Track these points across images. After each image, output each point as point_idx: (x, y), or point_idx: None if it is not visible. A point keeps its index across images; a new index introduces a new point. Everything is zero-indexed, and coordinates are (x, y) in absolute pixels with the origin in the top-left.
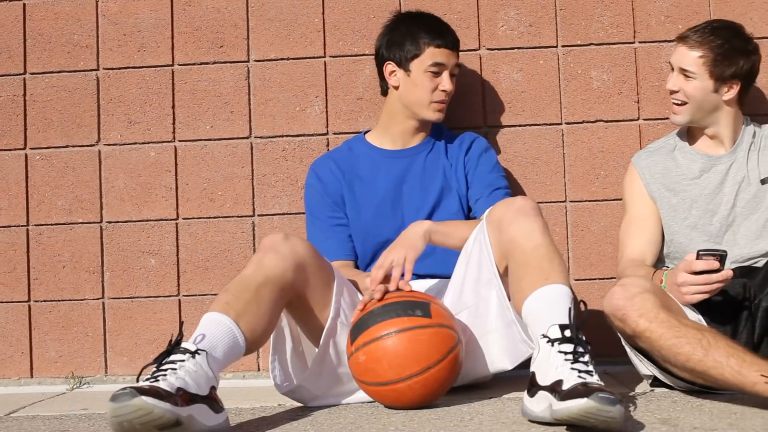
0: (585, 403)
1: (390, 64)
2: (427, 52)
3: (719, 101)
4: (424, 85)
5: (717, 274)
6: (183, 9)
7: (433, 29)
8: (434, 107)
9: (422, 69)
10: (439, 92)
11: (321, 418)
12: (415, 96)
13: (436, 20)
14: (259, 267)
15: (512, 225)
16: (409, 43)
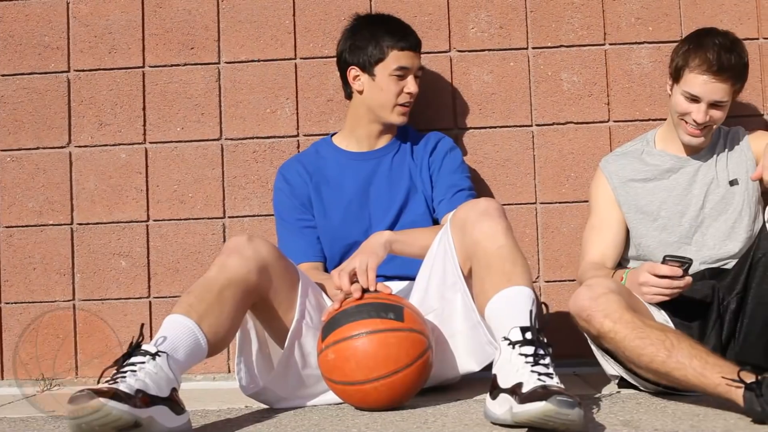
0: (544, 406)
1: (354, 68)
2: (391, 56)
3: None
4: (389, 89)
5: (679, 280)
6: (154, 11)
7: (396, 32)
8: (399, 110)
9: (387, 73)
10: (404, 95)
11: (285, 420)
12: (380, 100)
13: (399, 22)
14: (222, 269)
15: (476, 227)
16: (372, 47)
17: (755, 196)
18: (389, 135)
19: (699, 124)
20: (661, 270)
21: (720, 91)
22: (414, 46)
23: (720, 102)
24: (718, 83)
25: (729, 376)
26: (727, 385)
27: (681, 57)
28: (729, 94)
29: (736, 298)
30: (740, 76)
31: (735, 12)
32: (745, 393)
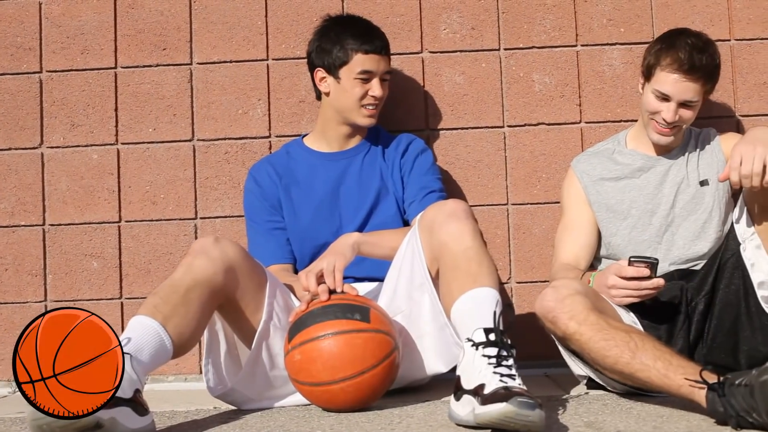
0: (504, 407)
1: (320, 70)
2: (355, 59)
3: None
4: (354, 92)
5: (648, 281)
6: (126, 12)
7: (361, 35)
8: (364, 113)
9: (351, 76)
10: (369, 98)
11: (252, 421)
12: (345, 102)
13: (365, 25)
14: (188, 270)
15: (443, 228)
16: (337, 49)
17: (725, 197)
18: (360, 136)
19: (668, 123)
20: (627, 272)
21: (690, 90)
22: (379, 49)
23: (690, 102)
24: (688, 82)
25: (692, 377)
26: (690, 386)
27: (653, 56)
28: (699, 94)
29: (704, 299)
30: (711, 76)
31: (707, 13)
32: (707, 394)
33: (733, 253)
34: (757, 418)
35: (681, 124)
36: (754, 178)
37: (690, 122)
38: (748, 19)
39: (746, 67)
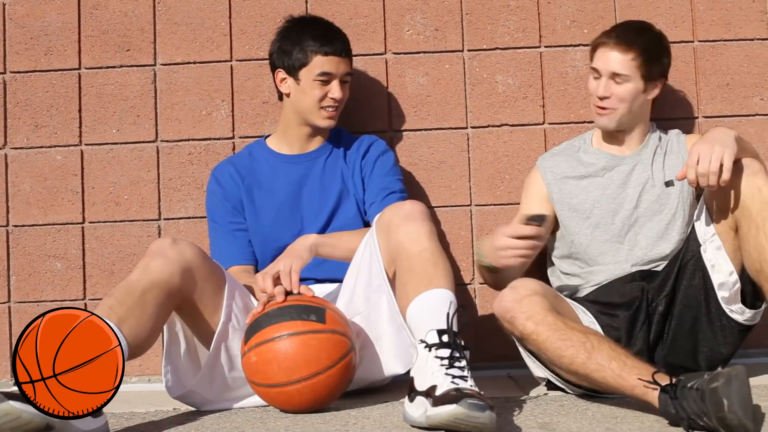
0: (454, 409)
1: (280, 71)
2: (314, 61)
3: (645, 102)
4: (313, 94)
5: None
6: (90, 13)
7: (321, 36)
8: (323, 114)
9: (310, 78)
10: (328, 100)
11: (208, 423)
12: (304, 104)
13: (326, 26)
14: (144, 272)
15: (399, 229)
16: (297, 51)
17: (690, 198)
18: (321, 137)
19: (600, 98)
20: (524, 231)
21: (617, 61)
22: (339, 51)
23: (619, 74)
24: (615, 53)
25: (646, 378)
26: (643, 387)
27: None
28: (630, 69)
29: (665, 300)
30: (644, 50)
31: (670, 15)
32: (660, 395)
33: (693, 254)
34: (708, 422)
35: (617, 107)
36: (711, 177)
37: (625, 103)
38: (711, 21)
39: (709, 69)
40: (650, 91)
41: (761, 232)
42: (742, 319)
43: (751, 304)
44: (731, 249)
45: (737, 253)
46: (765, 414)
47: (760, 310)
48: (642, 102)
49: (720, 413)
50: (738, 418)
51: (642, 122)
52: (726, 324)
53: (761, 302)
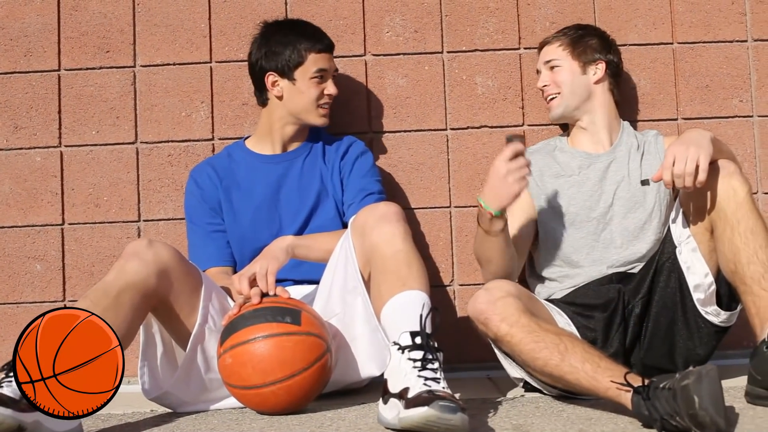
0: (426, 411)
1: (272, 74)
2: (310, 59)
3: (589, 83)
4: (311, 92)
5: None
6: (69, 14)
7: (312, 35)
8: (320, 112)
9: (307, 76)
10: (325, 97)
11: (184, 424)
12: (301, 103)
13: (311, 26)
14: (120, 273)
15: (374, 231)
16: (289, 51)
17: (667, 199)
18: (301, 138)
19: (543, 91)
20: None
21: (546, 52)
22: (330, 47)
23: (550, 61)
24: (545, 47)
25: (619, 380)
26: (617, 388)
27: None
28: (558, 54)
29: (641, 302)
30: (567, 36)
31: (649, 17)
32: (633, 397)
33: (669, 256)
34: (680, 421)
35: (558, 91)
36: (687, 178)
37: (566, 86)
38: (690, 23)
39: (688, 71)
40: (590, 73)
41: (736, 233)
42: (718, 321)
43: (726, 305)
44: (707, 251)
45: (713, 255)
46: (739, 414)
47: (735, 312)
48: (586, 85)
49: (691, 410)
50: (709, 415)
51: (603, 110)
52: (702, 326)
53: (736, 304)
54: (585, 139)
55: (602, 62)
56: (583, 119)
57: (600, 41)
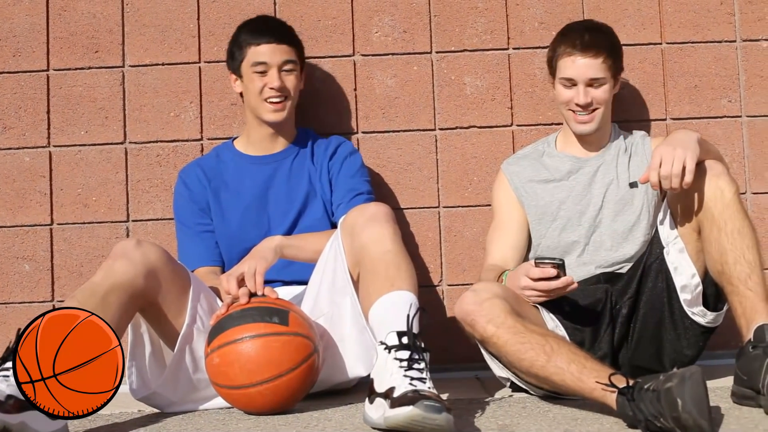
0: (411, 410)
1: (232, 75)
2: (249, 53)
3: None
4: (253, 86)
5: (557, 281)
6: (58, 14)
7: (254, 29)
8: (268, 107)
9: (249, 71)
10: (267, 90)
11: (171, 425)
12: (250, 99)
13: (262, 20)
14: (108, 273)
15: (364, 231)
16: (236, 49)
17: (655, 200)
18: (287, 139)
19: (583, 107)
20: (533, 273)
21: (591, 67)
22: (274, 39)
23: (596, 78)
24: (588, 59)
25: (603, 381)
26: (602, 389)
27: (551, 49)
28: (603, 71)
29: (629, 302)
30: (611, 51)
31: (638, 17)
32: (618, 398)
33: (656, 257)
34: (665, 423)
35: (597, 108)
36: (674, 180)
37: (605, 103)
38: (679, 23)
39: (677, 71)
40: (616, 88)
41: (723, 233)
42: (704, 322)
43: (713, 306)
44: (694, 251)
45: (700, 256)
46: (724, 415)
47: (721, 312)
48: (611, 99)
49: (674, 413)
50: (693, 418)
51: (608, 118)
52: (689, 326)
53: (723, 304)
54: (575, 145)
55: (620, 75)
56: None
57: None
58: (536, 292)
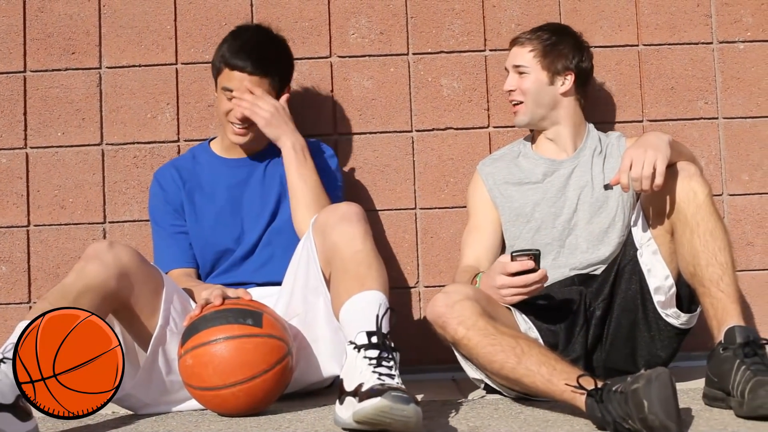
0: (379, 401)
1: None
2: (223, 73)
3: (556, 95)
4: (220, 105)
5: (533, 274)
6: (35, 15)
7: (236, 50)
8: (231, 128)
9: (220, 89)
10: (232, 115)
11: (143, 426)
12: (218, 113)
13: (248, 40)
14: (80, 275)
15: (335, 231)
16: (216, 59)
17: (630, 201)
18: (261, 143)
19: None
20: (511, 267)
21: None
22: (248, 68)
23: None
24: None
25: (572, 383)
26: (572, 391)
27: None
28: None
29: (603, 304)
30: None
31: (615, 18)
32: (586, 399)
33: (630, 259)
34: (633, 424)
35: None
36: (644, 182)
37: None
38: (656, 25)
39: (654, 72)
40: (558, 84)
41: (695, 235)
42: (678, 323)
43: (687, 308)
44: (667, 253)
45: (673, 257)
46: (694, 417)
47: (695, 314)
48: (552, 96)
49: (641, 414)
50: (659, 419)
51: (569, 120)
52: (663, 328)
53: (696, 306)
54: (550, 147)
55: (571, 74)
56: (549, 130)
57: (573, 49)
58: (514, 290)
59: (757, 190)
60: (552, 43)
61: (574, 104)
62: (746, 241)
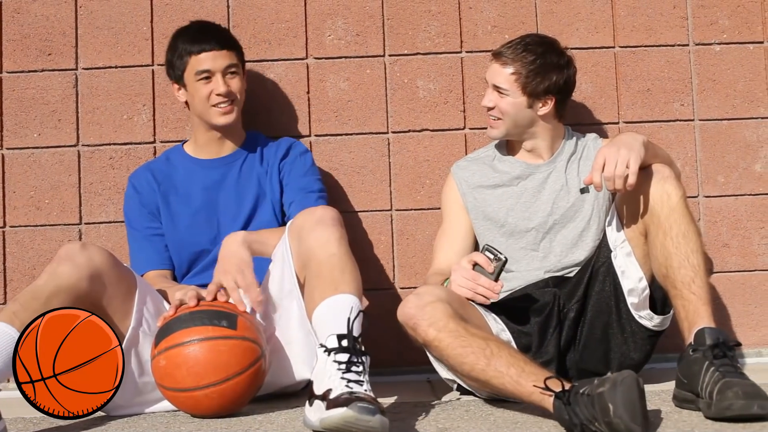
0: (344, 412)
1: (173, 84)
2: (190, 63)
3: (534, 116)
4: (200, 95)
5: (484, 279)
6: (11, 17)
7: (192, 38)
8: (217, 111)
9: (193, 80)
10: (214, 96)
11: (114, 427)
12: (198, 107)
13: (198, 27)
14: (51, 277)
15: (310, 234)
16: (176, 59)
17: (605, 205)
18: (236, 142)
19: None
20: (476, 257)
21: (497, 74)
22: (213, 46)
23: (498, 87)
24: (497, 65)
25: (540, 384)
26: (540, 393)
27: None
28: (508, 83)
29: (576, 305)
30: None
31: (591, 20)
32: (554, 401)
33: (604, 261)
34: (599, 427)
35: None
36: (617, 181)
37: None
38: (632, 27)
39: (630, 74)
40: (537, 108)
41: (668, 237)
42: (651, 325)
43: (661, 310)
44: (641, 255)
45: (647, 259)
46: (663, 419)
47: (668, 316)
48: (530, 117)
49: (606, 417)
50: (624, 423)
51: (546, 135)
52: (636, 330)
53: (669, 308)
54: (526, 153)
55: (552, 98)
56: (525, 143)
57: (557, 72)
58: (465, 281)
59: (732, 192)
60: (534, 69)
61: (553, 121)
62: (722, 243)
